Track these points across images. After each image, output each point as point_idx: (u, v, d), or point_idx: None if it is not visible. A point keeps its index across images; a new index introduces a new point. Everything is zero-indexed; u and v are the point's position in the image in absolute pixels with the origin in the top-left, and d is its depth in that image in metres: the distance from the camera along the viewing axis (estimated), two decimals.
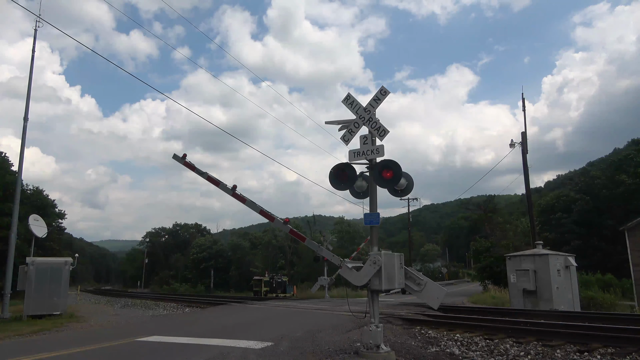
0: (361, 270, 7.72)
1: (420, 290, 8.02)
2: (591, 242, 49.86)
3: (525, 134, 24.85)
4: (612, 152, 77.66)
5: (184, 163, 8.70)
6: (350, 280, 7.91)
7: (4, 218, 32.07)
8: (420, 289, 7.99)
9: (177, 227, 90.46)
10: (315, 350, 8.32)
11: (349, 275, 7.83)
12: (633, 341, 8.75)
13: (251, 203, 8.49)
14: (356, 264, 8.03)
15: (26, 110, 17.24)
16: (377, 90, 8.60)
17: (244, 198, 8.50)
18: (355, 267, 7.90)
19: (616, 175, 51.79)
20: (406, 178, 8.44)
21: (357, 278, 7.77)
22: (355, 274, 7.77)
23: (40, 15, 16.71)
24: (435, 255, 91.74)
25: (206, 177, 8.67)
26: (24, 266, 16.11)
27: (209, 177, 8.67)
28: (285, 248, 57.64)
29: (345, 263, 7.99)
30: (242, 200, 8.49)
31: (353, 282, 7.86)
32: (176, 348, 8.65)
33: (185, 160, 8.68)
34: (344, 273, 7.91)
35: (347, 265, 7.86)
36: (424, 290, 8.00)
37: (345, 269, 7.86)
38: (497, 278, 29.39)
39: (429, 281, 8.03)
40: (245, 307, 20.60)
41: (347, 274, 7.83)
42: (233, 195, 8.51)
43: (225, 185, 8.55)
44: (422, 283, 7.98)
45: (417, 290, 8.03)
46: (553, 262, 17.79)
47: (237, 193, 8.48)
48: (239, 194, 8.48)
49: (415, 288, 8.02)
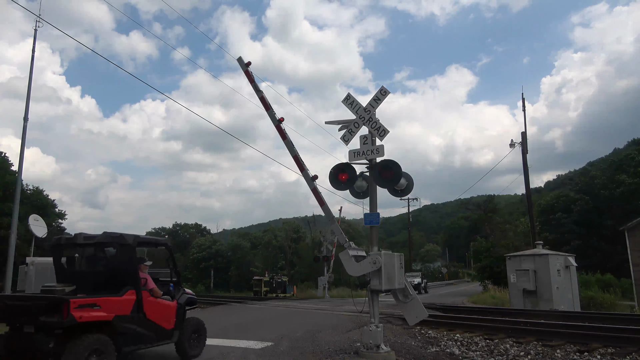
0: (359, 262, 7.72)
1: (405, 303, 8.02)
2: (591, 242, 49.82)
3: (525, 134, 24.85)
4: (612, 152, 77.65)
5: (246, 71, 8.75)
6: (345, 267, 7.93)
7: (4, 218, 32.04)
8: (406, 301, 8.01)
9: (177, 227, 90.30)
10: (315, 350, 8.32)
11: (346, 262, 7.82)
12: (633, 341, 8.75)
13: (290, 144, 8.52)
14: (359, 253, 8.01)
15: (26, 110, 17.24)
16: (377, 90, 8.61)
17: (285, 135, 8.57)
18: (356, 255, 7.89)
19: (616, 175, 51.76)
20: (406, 178, 8.44)
21: (353, 268, 7.76)
22: (352, 263, 7.75)
23: (40, 15, 16.67)
24: (435, 255, 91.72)
25: (260, 97, 8.72)
26: (24, 266, 16.09)
27: (262, 97, 8.71)
28: (285, 248, 57.60)
29: (351, 246, 7.96)
30: (283, 136, 8.57)
31: (347, 269, 7.87)
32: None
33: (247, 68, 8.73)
34: (342, 256, 7.91)
35: (348, 252, 7.83)
36: (408, 304, 8.02)
37: (346, 254, 7.84)
38: (497, 278, 29.37)
39: (416, 298, 8.07)
40: (245, 307, 20.60)
41: (346, 259, 7.82)
42: (277, 126, 8.56)
43: (274, 114, 8.60)
44: (410, 297, 7.99)
45: (402, 301, 8.05)
46: (553, 262, 17.79)
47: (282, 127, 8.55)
48: (283, 129, 8.56)
49: (401, 299, 8.04)
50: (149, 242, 8.44)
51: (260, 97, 8.69)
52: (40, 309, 5.87)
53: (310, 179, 8.33)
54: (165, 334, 7.20)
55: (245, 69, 8.74)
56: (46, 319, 5.76)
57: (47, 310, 5.80)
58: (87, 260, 7.64)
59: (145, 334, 6.83)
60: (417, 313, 8.04)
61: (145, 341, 6.88)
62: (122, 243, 6.96)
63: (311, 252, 48.43)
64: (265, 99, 8.69)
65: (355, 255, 7.83)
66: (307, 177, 8.39)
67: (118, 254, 7.03)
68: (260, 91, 8.68)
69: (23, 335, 6.08)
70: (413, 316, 8.09)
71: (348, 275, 8.30)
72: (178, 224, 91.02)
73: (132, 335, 6.61)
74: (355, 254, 7.85)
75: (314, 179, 8.35)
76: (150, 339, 6.95)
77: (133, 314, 6.62)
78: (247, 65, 8.74)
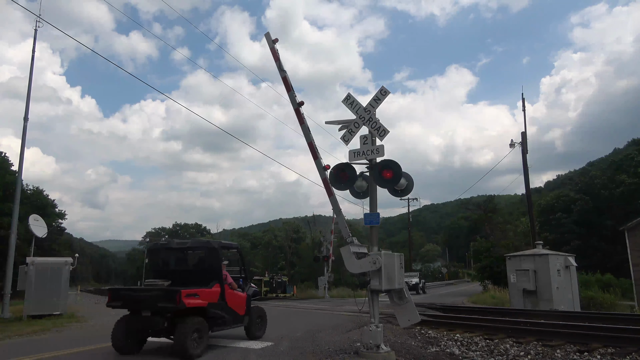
0: (360, 260, 7.72)
1: (399, 305, 8.00)
2: (591, 242, 49.84)
3: (525, 134, 24.84)
4: (612, 152, 77.66)
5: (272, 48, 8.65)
6: (345, 262, 7.94)
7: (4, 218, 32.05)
8: (400, 303, 7.99)
9: (177, 227, 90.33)
10: (315, 350, 8.32)
11: (347, 257, 7.83)
12: (633, 341, 8.75)
13: (307, 129, 8.50)
14: (361, 249, 8.01)
15: (26, 110, 17.24)
16: (377, 90, 8.60)
17: (303, 120, 8.55)
18: (358, 252, 7.89)
19: (616, 175, 51.79)
20: (406, 178, 8.43)
21: (352, 264, 7.77)
22: (352, 259, 7.76)
23: (40, 15, 16.68)
24: (435, 255, 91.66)
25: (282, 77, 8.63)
26: (24, 266, 16.09)
27: (285, 77, 8.62)
28: (285, 248, 57.61)
29: (354, 242, 7.96)
30: (301, 121, 8.54)
31: (347, 265, 7.90)
32: None
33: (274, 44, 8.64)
34: (344, 251, 7.91)
35: (350, 248, 7.83)
36: (402, 306, 8.00)
37: (347, 250, 7.84)
38: (497, 278, 29.36)
39: (411, 301, 8.06)
40: None
41: (347, 255, 7.82)
42: (296, 110, 8.51)
43: (295, 96, 8.56)
44: (405, 300, 7.98)
45: (397, 303, 8.03)
46: (553, 262, 17.78)
47: (301, 111, 8.52)
48: (302, 113, 8.53)
49: (396, 300, 8.02)
50: (225, 246, 9.96)
51: (283, 77, 8.54)
52: (159, 297, 7.84)
53: (322, 168, 8.29)
54: (239, 318, 9.10)
55: (272, 46, 8.57)
56: (164, 305, 7.71)
57: (164, 298, 7.76)
58: (179, 260, 9.41)
59: (227, 318, 8.66)
60: (410, 316, 8.02)
61: (226, 324, 8.74)
62: (210, 247, 8.92)
63: (311, 252, 48.44)
64: (287, 79, 8.54)
65: (356, 252, 7.84)
66: (319, 165, 8.33)
67: (206, 256, 8.91)
68: (283, 70, 8.51)
69: (140, 318, 8.07)
70: (405, 319, 8.07)
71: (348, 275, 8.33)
72: (178, 224, 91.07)
73: (218, 319, 8.49)
74: (357, 251, 7.86)
75: (325, 169, 8.31)
76: (229, 322, 8.81)
77: (219, 302, 8.49)
78: (274, 42, 8.57)
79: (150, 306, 7.91)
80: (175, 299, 7.54)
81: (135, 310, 8.23)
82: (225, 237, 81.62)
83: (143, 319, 8.03)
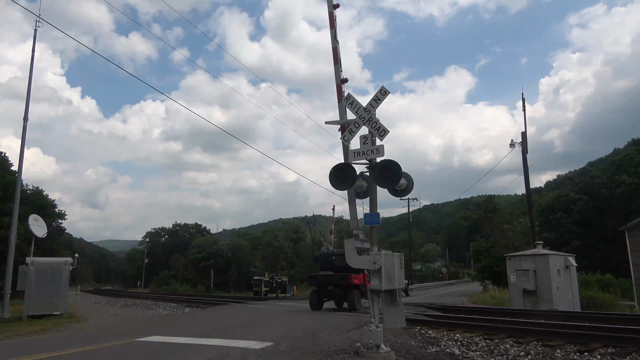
0: (360, 256, 7.73)
1: (389, 307, 7.96)
2: (591, 242, 49.83)
3: (525, 134, 24.85)
4: (612, 152, 77.69)
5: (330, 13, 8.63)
6: (346, 255, 7.98)
7: (4, 218, 32.08)
8: (391, 305, 7.96)
9: (177, 227, 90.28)
10: (315, 350, 8.31)
11: (349, 250, 7.85)
12: (633, 341, 8.74)
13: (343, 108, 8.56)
14: (364, 245, 8.01)
15: (26, 110, 17.26)
16: (377, 90, 8.59)
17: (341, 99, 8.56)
18: (361, 248, 7.91)
19: (616, 175, 51.80)
20: (406, 178, 8.42)
21: (353, 259, 7.79)
22: (354, 254, 7.78)
23: (40, 16, 16.70)
24: (435, 255, 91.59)
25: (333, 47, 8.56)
26: (24, 266, 16.10)
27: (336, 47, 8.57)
28: (285, 248, 57.60)
29: (359, 236, 7.95)
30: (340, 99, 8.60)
31: (347, 258, 7.94)
32: (176, 348, 8.65)
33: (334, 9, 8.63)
34: (347, 243, 7.92)
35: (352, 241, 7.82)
36: (392, 308, 7.97)
37: (350, 242, 7.84)
38: (497, 278, 29.36)
39: (401, 305, 8.05)
40: (245, 307, 20.60)
41: (350, 248, 7.83)
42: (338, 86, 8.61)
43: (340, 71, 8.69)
44: (396, 302, 7.95)
45: (388, 304, 7.99)
46: (553, 262, 17.78)
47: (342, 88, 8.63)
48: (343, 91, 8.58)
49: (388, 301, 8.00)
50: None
51: (333, 48, 8.46)
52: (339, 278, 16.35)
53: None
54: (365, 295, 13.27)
55: (331, 10, 8.55)
56: (343, 282, 16.18)
57: (342, 279, 16.17)
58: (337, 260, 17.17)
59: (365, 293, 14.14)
60: (397, 320, 7.99)
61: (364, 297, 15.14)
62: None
63: (311, 252, 48.45)
64: (337, 51, 8.45)
65: (359, 248, 7.86)
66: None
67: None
68: (336, 40, 8.45)
69: (325, 291, 16.92)
70: (391, 321, 8.04)
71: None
72: (178, 224, 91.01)
73: (363, 293, 15.80)
74: (359, 246, 7.89)
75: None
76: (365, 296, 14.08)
77: (362, 284, 15.75)
78: (335, 7, 8.54)
79: (334, 283, 16.49)
80: (348, 279, 15.85)
81: (324, 286, 16.77)
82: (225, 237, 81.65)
83: (328, 291, 16.77)
